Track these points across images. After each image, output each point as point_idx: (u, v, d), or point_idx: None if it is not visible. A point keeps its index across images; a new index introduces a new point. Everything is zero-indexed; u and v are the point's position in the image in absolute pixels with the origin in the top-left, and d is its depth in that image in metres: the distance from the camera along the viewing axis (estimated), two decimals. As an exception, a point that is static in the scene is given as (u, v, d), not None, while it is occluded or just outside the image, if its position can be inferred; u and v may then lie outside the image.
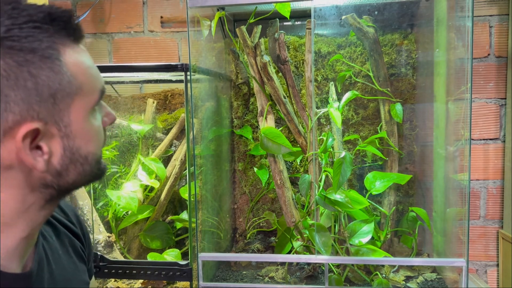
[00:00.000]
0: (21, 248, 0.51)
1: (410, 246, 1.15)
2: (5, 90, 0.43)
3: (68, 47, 0.48)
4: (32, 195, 0.49)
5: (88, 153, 0.51)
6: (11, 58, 0.43)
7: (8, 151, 0.45)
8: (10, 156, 0.45)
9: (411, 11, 1.24)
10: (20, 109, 0.44)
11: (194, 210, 1.05)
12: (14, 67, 0.43)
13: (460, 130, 1.03)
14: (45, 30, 0.45)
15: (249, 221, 1.37)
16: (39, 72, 0.44)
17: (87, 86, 0.49)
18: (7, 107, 0.43)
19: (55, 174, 0.49)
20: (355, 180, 1.29)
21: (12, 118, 0.44)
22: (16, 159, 0.45)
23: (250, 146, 1.35)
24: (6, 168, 0.46)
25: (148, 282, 1.13)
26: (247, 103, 1.35)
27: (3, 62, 0.43)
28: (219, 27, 1.25)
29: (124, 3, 1.42)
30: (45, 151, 0.47)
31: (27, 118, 0.44)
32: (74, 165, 0.50)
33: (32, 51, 0.44)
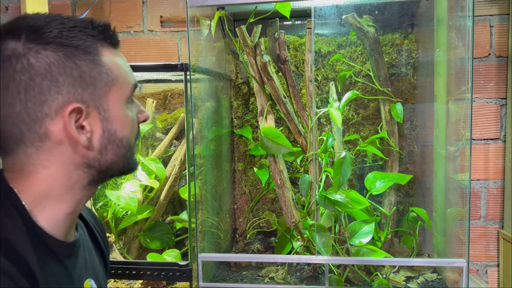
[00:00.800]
0: (67, 223, 0.59)
1: (411, 247, 1.15)
2: (57, 76, 0.54)
3: (106, 48, 0.58)
4: (77, 173, 0.58)
5: (123, 136, 0.60)
6: (61, 51, 0.54)
7: (58, 127, 0.54)
8: (59, 132, 0.54)
9: (411, 11, 1.24)
10: (68, 91, 0.54)
11: (194, 210, 1.05)
12: (63, 58, 0.54)
13: (460, 130, 1.03)
14: (87, 33, 0.56)
15: (249, 221, 1.37)
16: (82, 63, 0.55)
17: (122, 79, 0.59)
18: (57, 90, 0.54)
19: (97, 151, 0.58)
20: (355, 180, 1.29)
21: (61, 98, 0.54)
22: (65, 134, 0.55)
23: (250, 146, 1.35)
24: (57, 143, 0.55)
25: (147, 283, 1.13)
26: (247, 103, 1.35)
27: (55, 54, 0.54)
28: (219, 27, 1.25)
29: (124, 3, 1.41)
30: (87, 130, 0.56)
31: (73, 100, 0.54)
32: (111, 145, 0.59)
33: (77, 47, 0.55)
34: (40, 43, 0.54)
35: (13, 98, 0.53)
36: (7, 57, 0.53)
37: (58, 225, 0.58)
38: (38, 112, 0.53)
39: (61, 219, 0.58)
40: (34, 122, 0.53)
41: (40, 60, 0.53)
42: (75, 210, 0.59)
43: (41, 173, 0.56)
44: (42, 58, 0.53)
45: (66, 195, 0.58)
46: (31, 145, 0.54)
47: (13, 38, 0.54)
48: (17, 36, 0.54)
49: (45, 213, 0.56)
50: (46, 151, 0.55)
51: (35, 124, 0.54)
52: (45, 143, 0.55)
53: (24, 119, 0.53)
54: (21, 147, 0.55)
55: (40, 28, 0.54)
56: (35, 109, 0.53)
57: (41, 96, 0.53)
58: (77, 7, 1.44)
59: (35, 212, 0.56)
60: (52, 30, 0.54)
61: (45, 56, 0.53)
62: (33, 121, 0.53)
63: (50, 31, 0.54)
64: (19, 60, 0.53)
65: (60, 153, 0.56)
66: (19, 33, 0.54)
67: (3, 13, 1.46)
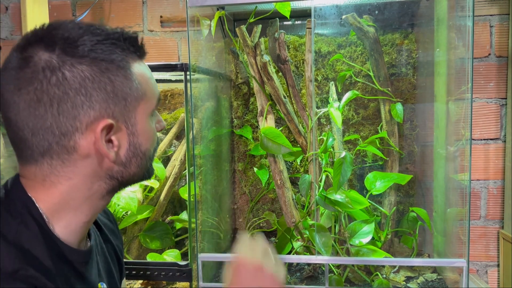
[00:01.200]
0: (82, 231, 0.60)
1: (411, 247, 1.15)
2: (91, 91, 0.53)
3: (135, 61, 0.58)
4: (98, 184, 0.58)
5: (146, 149, 0.61)
6: (96, 66, 0.54)
7: (88, 142, 0.54)
8: (88, 146, 0.54)
9: (411, 11, 1.24)
10: (100, 107, 0.54)
11: (193, 210, 1.05)
12: (98, 73, 0.54)
13: (460, 130, 1.03)
14: (119, 46, 0.56)
15: (249, 221, 1.37)
16: (115, 78, 0.55)
17: (149, 93, 0.60)
18: (90, 105, 0.53)
19: (121, 165, 0.58)
20: (355, 180, 1.29)
21: (94, 114, 0.54)
22: (94, 149, 0.55)
23: (250, 146, 1.35)
24: (84, 157, 0.55)
25: (147, 283, 1.13)
26: (247, 103, 1.34)
27: (90, 69, 0.53)
28: (219, 27, 1.24)
29: (124, 3, 1.41)
30: (115, 144, 0.56)
31: (105, 115, 0.54)
32: (135, 159, 0.59)
33: (111, 61, 0.55)
34: (75, 56, 0.53)
35: (45, 111, 0.52)
36: (41, 69, 0.52)
37: (73, 233, 0.58)
38: (69, 126, 0.53)
39: (77, 228, 0.58)
40: (64, 136, 0.53)
41: (75, 74, 0.52)
42: (91, 218, 0.60)
43: (63, 184, 0.56)
44: (78, 72, 0.53)
45: (84, 205, 0.58)
46: (57, 157, 0.54)
47: (46, 49, 0.53)
48: (51, 47, 0.53)
49: (62, 222, 0.57)
50: (71, 164, 0.55)
51: (64, 137, 0.53)
52: (72, 156, 0.55)
53: (54, 132, 0.53)
54: (47, 158, 0.54)
55: (75, 40, 0.53)
56: (67, 123, 0.53)
57: (73, 110, 0.53)
58: (77, 7, 1.44)
59: (52, 221, 0.56)
60: (86, 43, 0.54)
61: (80, 71, 0.53)
62: (63, 134, 0.53)
63: (84, 44, 0.54)
64: (54, 73, 0.52)
65: (85, 165, 0.56)
66: (53, 45, 0.53)
67: (3, 13, 1.46)
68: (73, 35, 0.54)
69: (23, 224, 0.53)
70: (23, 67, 0.53)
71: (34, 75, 0.52)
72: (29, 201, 0.55)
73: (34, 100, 0.52)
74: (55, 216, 0.56)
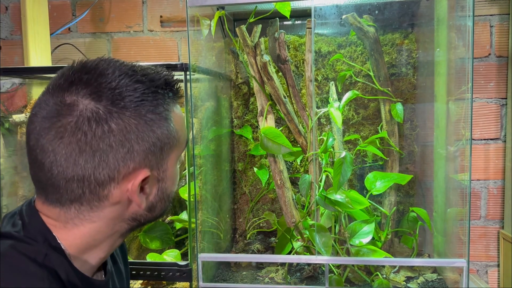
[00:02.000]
0: (98, 264, 0.60)
1: (411, 247, 1.14)
2: (134, 144, 0.52)
3: (174, 106, 0.58)
4: (120, 225, 0.57)
5: (171, 192, 0.60)
6: (141, 118, 0.52)
7: (121, 191, 0.53)
8: (121, 195, 0.53)
9: (411, 11, 1.24)
10: (140, 158, 0.53)
11: (193, 210, 1.05)
12: (143, 125, 0.53)
13: (460, 130, 1.02)
14: (162, 94, 0.55)
15: (249, 221, 1.37)
16: (158, 130, 0.54)
17: (182, 138, 0.59)
18: (131, 157, 0.52)
19: (147, 210, 0.57)
20: (355, 180, 1.29)
21: (133, 166, 0.53)
22: (126, 197, 0.54)
23: (250, 146, 1.35)
24: (113, 204, 0.54)
25: (147, 283, 1.13)
26: (247, 103, 1.34)
27: (136, 121, 0.52)
28: (219, 27, 1.24)
29: (124, 3, 1.41)
30: (147, 192, 0.56)
31: (142, 166, 0.54)
32: (161, 203, 0.59)
33: (156, 113, 0.54)
34: (122, 108, 0.51)
35: (85, 162, 0.51)
36: (87, 119, 0.50)
37: (90, 268, 0.58)
38: (106, 176, 0.52)
39: (94, 263, 0.58)
40: (99, 186, 0.52)
41: (121, 127, 0.51)
42: (107, 254, 0.60)
43: (86, 227, 0.55)
44: (124, 125, 0.51)
45: (104, 243, 0.58)
46: (87, 204, 0.53)
47: (92, 98, 0.51)
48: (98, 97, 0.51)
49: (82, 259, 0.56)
50: (99, 210, 0.54)
51: (99, 187, 0.52)
52: (102, 203, 0.54)
53: (90, 182, 0.51)
54: (76, 204, 0.53)
55: (123, 90, 0.52)
56: (105, 174, 0.52)
57: (114, 162, 0.51)
58: (77, 7, 1.44)
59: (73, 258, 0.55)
60: (133, 94, 0.52)
61: (127, 124, 0.51)
62: (99, 184, 0.52)
63: (131, 95, 0.52)
64: (100, 124, 0.50)
65: (112, 211, 0.55)
66: (100, 94, 0.51)
67: (3, 13, 1.46)
68: (120, 85, 0.52)
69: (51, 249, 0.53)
70: (66, 114, 0.50)
71: (78, 125, 0.50)
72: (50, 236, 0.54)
73: (75, 151, 0.50)
74: (76, 253, 0.55)
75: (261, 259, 1.11)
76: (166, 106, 0.56)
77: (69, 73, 0.53)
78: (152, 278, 1.04)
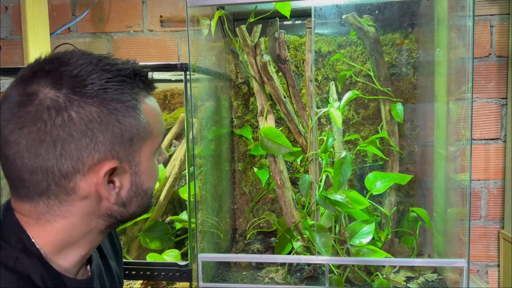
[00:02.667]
0: (80, 262, 0.59)
1: (411, 247, 1.14)
2: (97, 133, 0.51)
3: (145, 97, 0.56)
4: (97, 221, 0.56)
5: (148, 187, 0.59)
6: (104, 106, 0.51)
7: (88, 183, 0.52)
8: (89, 188, 0.52)
9: (411, 11, 1.24)
10: (105, 149, 0.52)
11: (193, 210, 1.05)
12: (106, 114, 0.51)
13: (461, 130, 1.02)
14: (129, 84, 0.54)
15: (249, 221, 1.37)
16: (124, 120, 0.52)
17: (156, 131, 0.58)
18: (95, 147, 0.51)
19: (121, 205, 0.56)
20: (355, 180, 1.29)
21: (98, 156, 0.51)
22: (93, 191, 0.53)
23: (250, 146, 1.34)
24: (82, 198, 0.53)
25: (147, 283, 1.12)
26: (247, 103, 1.34)
27: (98, 109, 0.50)
28: (219, 27, 1.24)
29: (124, 3, 1.41)
30: (117, 185, 0.54)
31: (109, 157, 0.52)
32: (136, 198, 0.57)
33: (121, 101, 0.52)
34: (83, 96, 0.50)
35: (47, 152, 0.49)
36: (46, 108, 0.49)
37: (71, 265, 0.57)
38: (70, 167, 0.50)
39: (75, 261, 0.57)
40: (64, 177, 0.51)
41: (82, 116, 0.50)
42: (89, 251, 0.59)
43: (59, 223, 0.54)
44: (85, 113, 0.50)
45: (82, 240, 0.56)
46: (55, 197, 0.52)
47: (53, 86, 0.49)
48: (59, 85, 0.50)
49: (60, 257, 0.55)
50: (68, 204, 0.53)
51: (64, 179, 0.51)
52: (70, 196, 0.52)
53: (55, 174, 0.50)
54: (43, 198, 0.52)
55: (84, 79, 0.50)
56: (68, 165, 0.50)
57: (77, 152, 0.50)
58: (77, 7, 1.44)
59: (49, 255, 0.54)
60: (96, 82, 0.51)
61: (88, 112, 0.50)
62: (63, 176, 0.51)
63: (93, 83, 0.51)
64: (60, 113, 0.49)
65: (83, 205, 0.54)
66: (60, 82, 0.50)
67: (3, 12, 1.46)
68: (82, 73, 0.51)
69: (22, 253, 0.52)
70: (26, 104, 0.49)
71: (38, 115, 0.49)
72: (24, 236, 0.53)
73: (36, 141, 0.49)
74: (53, 251, 0.54)
75: (261, 259, 1.11)
76: (134, 96, 0.54)
77: (34, 64, 0.52)
78: (152, 278, 1.04)
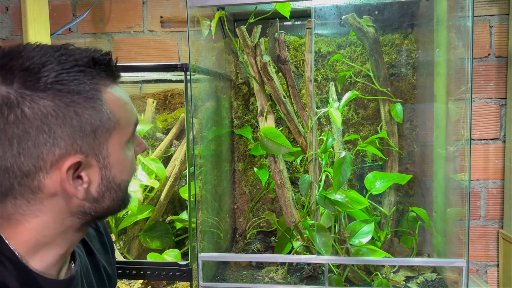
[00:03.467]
0: (60, 263, 0.57)
1: (410, 246, 1.15)
2: (54, 128, 0.48)
3: (108, 86, 0.53)
4: (71, 219, 0.54)
5: (121, 181, 0.56)
6: (60, 99, 0.48)
7: (53, 181, 0.50)
8: (54, 185, 0.50)
9: (411, 11, 1.24)
10: (66, 144, 0.49)
11: (194, 210, 1.05)
12: (62, 107, 0.48)
13: (460, 130, 1.03)
14: (88, 73, 0.51)
15: (249, 221, 1.37)
16: (83, 111, 0.50)
17: (124, 121, 0.55)
18: (54, 143, 0.48)
19: (93, 201, 0.54)
20: (355, 180, 1.29)
21: (59, 152, 0.49)
22: (60, 188, 0.50)
23: (250, 146, 1.35)
24: (50, 195, 0.51)
25: (148, 283, 1.13)
26: (247, 103, 1.35)
27: (53, 103, 0.48)
28: (219, 27, 1.25)
29: (124, 3, 1.41)
30: (85, 181, 0.52)
31: (71, 152, 0.50)
32: (109, 192, 0.55)
33: (78, 93, 0.49)
34: (36, 90, 0.47)
35: (3, 152, 0.47)
36: None
37: (51, 266, 0.55)
38: (31, 166, 0.48)
39: (54, 261, 0.55)
40: (26, 176, 0.49)
41: (36, 111, 0.47)
42: (67, 250, 0.57)
43: (30, 223, 0.52)
44: (39, 108, 0.47)
45: (58, 239, 0.54)
46: (21, 197, 0.50)
47: (4, 82, 0.47)
48: (10, 80, 0.47)
49: (37, 257, 0.54)
50: (37, 202, 0.51)
51: (27, 178, 0.49)
52: (37, 195, 0.50)
53: (15, 173, 0.48)
54: (10, 198, 0.50)
55: (36, 72, 0.48)
56: (28, 163, 0.48)
57: (35, 149, 0.48)
58: (77, 7, 1.44)
59: (25, 257, 0.53)
60: (49, 73, 0.48)
61: (42, 106, 0.47)
62: (25, 174, 0.48)
63: (47, 74, 0.48)
64: (12, 110, 0.46)
65: (53, 203, 0.52)
66: (11, 77, 0.47)
67: (3, 13, 1.46)
68: (34, 65, 0.48)
69: None
70: None
71: None
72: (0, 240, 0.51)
73: None
74: (29, 252, 0.53)
75: (261, 258, 1.11)
76: (94, 86, 0.51)
77: None
78: (152, 278, 1.05)
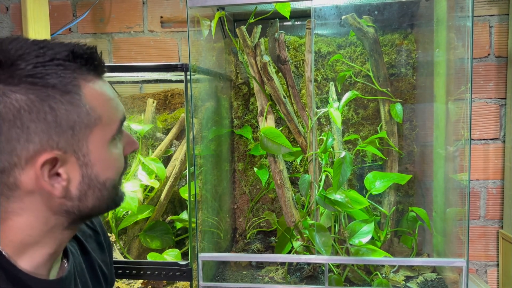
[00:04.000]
0: (50, 262, 0.56)
1: (410, 246, 1.15)
2: (27, 123, 0.47)
3: (90, 81, 0.51)
4: (55, 217, 0.53)
5: (106, 179, 0.54)
6: (33, 93, 0.47)
7: (29, 177, 0.48)
8: (30, 182, 0.49)
9: (411, 11, 1.24)
10: (40, 139, 0.48)
11: (194, 210, 1.05)
12: (36, 101, 0.47)
13: (460, 130, 1.03)
14: (67, 67, 0.49)
15: (249, 221, 1.37)
16: (58, 106, 0.48)
17: (106, 117, 0.53)
18: (28, 138, 0.47)
19: (74, 199, 0.52)
20: (355, 180, 1.29)
21: (33, 147, 0.48)
22: (36, 185, 0.49)
23: (250, 146, 1.35)
24: (28, 193, 0.50)
25: (148, 282, 1.13)
26: (247, 103, 1.35)
27: (26, 97, 0.47)
28: (219, 27, 1.25)
29: (124, 3, 1.42)
30: (64, 178, 0.50)
31: (47, 148, 0.48)
32: (92, 191, 0.53)
33: (53, 86, 0.48)
34: (9, 83, 0.46)
35: None
36: None
37: (41, 265, 0.54)
38: (5, 162, 0.47)
39: (43, 260, 0.54)
40: (1, 172, 0.48)
41: (8, 105, 0.46)
42: (57, 250, 0.56)
43: (14, 221, 0.51)
44: (11, 102, 0.46)
45: (45, 238, 0.53)
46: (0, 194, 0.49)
47: None
48: None
49: (25, 257, 0.53)
50: (17, 200, 0.50)
51: (2, 174, 0.48)
52: (15, 192, 0.49)
53: None
54: None
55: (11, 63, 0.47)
56: (2, 159, 0.47)
57: (8, 145, 0.47)
58: (78, 7, 1.44)
59: (13, 257, 0.52)
60: (24, 66, 0.47)
61: (14, 100, 0.46)
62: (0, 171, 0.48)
63: (21, 67, 0.47)
64: None
65: (32, 201, 0.50)
66: None
67: (4, 13, 1.47)
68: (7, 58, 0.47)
69: None
70: None
71: None
72: None
73: None
74: (16, 252, 0.52)
75: (261, 258, 1.11)
76: (72, 80, 0.49)
77: None
78: (152, 278, 1.05)
